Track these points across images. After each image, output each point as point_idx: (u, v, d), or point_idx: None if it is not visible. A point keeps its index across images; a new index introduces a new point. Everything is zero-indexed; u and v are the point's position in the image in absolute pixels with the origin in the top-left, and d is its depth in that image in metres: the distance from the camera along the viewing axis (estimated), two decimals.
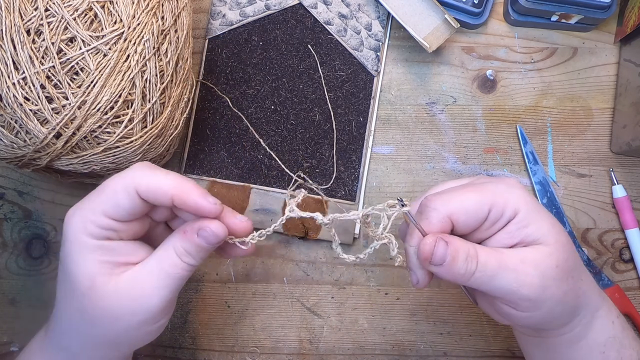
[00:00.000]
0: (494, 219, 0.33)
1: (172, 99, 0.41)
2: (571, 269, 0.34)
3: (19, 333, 0.51)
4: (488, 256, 0.33)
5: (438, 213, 0.33)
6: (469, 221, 0.33)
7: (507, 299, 0.33)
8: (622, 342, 0.37)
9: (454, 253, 0.32)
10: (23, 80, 0.37)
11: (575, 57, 0.55)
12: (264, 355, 0.51)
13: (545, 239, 0.33)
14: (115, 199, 0.32)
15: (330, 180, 0.52)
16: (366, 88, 0.53)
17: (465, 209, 0.33)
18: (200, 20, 0.54)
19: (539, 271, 0.32)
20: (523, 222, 0.33)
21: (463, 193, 0.34)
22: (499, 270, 0.32)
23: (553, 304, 0.33)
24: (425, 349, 0.52)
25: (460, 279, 0.32)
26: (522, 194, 0.34)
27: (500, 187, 0.34)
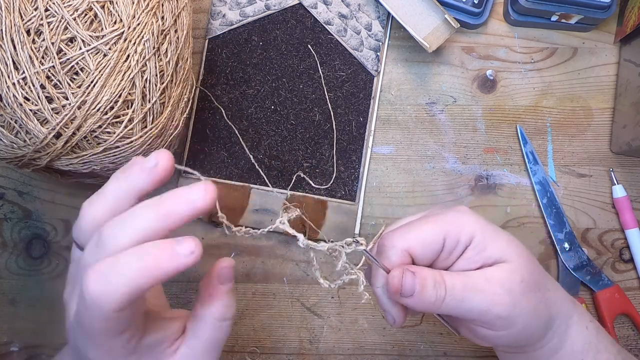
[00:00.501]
0: (451, 247, 0.34)
1: (172, 99, 0.41)
2: (536, 281, 0.35)
3: (19, 333, 0.51)
4: (454, 280, 0.33)
5: (395, 249, 0.34)
6: (427, 252, 0.34)
7: (480, 320, 0.34)
8: (598, 347, 0.37)
9: (422, 281, 0.33)
10: (23, 80, 0.37)
11: (575, 57, 0.55)
12: (264, 355, 0.51)
13: (506, 257, 0.34)
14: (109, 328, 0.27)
15: (330, 180, 0.52)
16: (366, 88, 0.53)
17: (420, 242, 0.34)
18: (200, 20, 0.54)
19: (505, 288, 0.33)
20: (480, 246, 0.34)
21: (417, 226, 0.34)
22: (467, 291, 0.33)
23: (527, 319, 0.34)
24: (425, 349, 0.52)
25: (432, 306, 0.33)
26: (474, 219, 0.35)
27: (452, 215, 0.35)
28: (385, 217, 0.53)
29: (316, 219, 0.51)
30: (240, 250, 0.52)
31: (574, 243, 0.52)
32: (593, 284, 0.52)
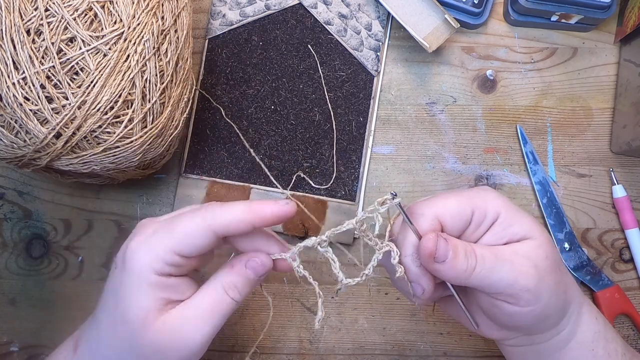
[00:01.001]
0: (478, 221, 0.35)
1: (172, 99, 0.41)
2: (558, 261, 0.35)
3: (19, 333, 0.51)
4: (484, 250, 0.33)
5: (425, 217, 0.34)
6: (455, 222, 0.34)
7: (508, 292, 0.33)
8: (606, 337, 0.38)
9: (455, 249, 0.33)
10: (23, 80, 0.37)
11: (575, 57, 0.55)
12: (264, 355, 0.51)
13: (531, 234, 0.34)
14: (190, 238, 0.33)
15: (330, 180, 0.52)
16: (366, 88, 0.53)
17: (449, 212, 0.34)
18: (200, 20, 0.54)
19: (532, 262, 0.33)
20: (507, 222, 0.34)
21: (445, 198, 0.35)
22: (497, 262, 0.33)
23: (550, 296, 0.34)
24: (425, 349, 0.52)
25: (463, 274, 0.33)
26: (499, 197, 0.35)
27: (479, 192, 0.36)
28: (385, 217, 0.53)
29: (316, 219, 0.51)
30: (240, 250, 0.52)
31: (574, 243, 0.52)
32: (593, 284, 0.52)
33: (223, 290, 0.34)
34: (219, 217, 0.33)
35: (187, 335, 0.33)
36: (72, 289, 0.51)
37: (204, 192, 0.51)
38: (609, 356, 0.37)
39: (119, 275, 0.34)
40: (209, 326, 0.34)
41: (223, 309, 0.34)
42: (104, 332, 0.35)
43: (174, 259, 0.33)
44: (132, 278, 0.33)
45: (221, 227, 0.33)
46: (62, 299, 0.51)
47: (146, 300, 0.33)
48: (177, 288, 0.34)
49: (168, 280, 0.33)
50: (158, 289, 0.33)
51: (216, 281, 0.35)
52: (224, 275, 0.35)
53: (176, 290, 0.34)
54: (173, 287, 0.34)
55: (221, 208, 0.33)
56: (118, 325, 0.34)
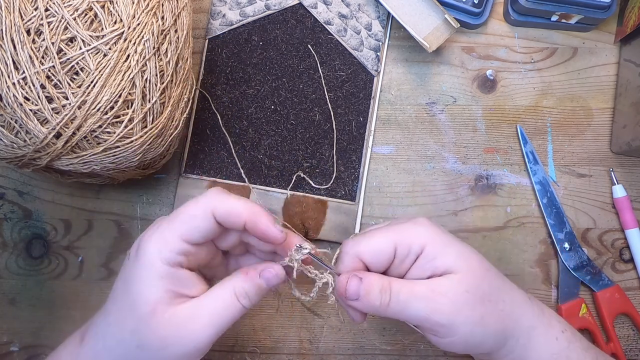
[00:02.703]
0: (402, 255, 0.36)
1: (172, 99, 0.41)
2: (486, 293, 0.36)
3: (19, 333, 0.51)
4: (401, 287, 0.35)
5: (348, 255, 0.37)
6: (378, 259, 0.36)
7: (423, 326, 0.36)
8: (570, 356, 0.38)
9: (368, 287, 0.35)
10: (23, 80, 0.37)
11: (575, 57, 0.55)
12: (264, 355, 0.51)
13: (454, 268, 0.36)
14: (193, 221, 0.34)
15: (330, 180, 0.52)
16: (366, 88, 0.53)
17: (371, 249, 0.36)
18: (200, 20, 0.54)
19: (447, 298, 0.35)
20: (430, 255, 0.36)
21: (370, 236, 0.37)
22: (411, 298, 0.35)
23: (470, 328, 0.35)
24: (425, 349, 0.52)
25: (378, 310, 0.35)
26: (428, 230, 0.37)
27: (407, 226, 0.37)
28: (385, 217, 0.53)
29: (316, 219, 0.51)
30: None
31: (574, 243, 0.52)
32: (593, 284, 0.52)
33: (234, 295, 0.35)
34: (220, 203, 0.34)
35: (193, 332, 0.33)
36: (72, 289, 0.51)
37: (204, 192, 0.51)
38: None
39: (131, 266, 0.35)
40: (215, 327, 0.34)
41: (231, 314, 0.34)
42: (112, 322, 0.35)
43: (182, 247, 0.34)
44: (143, 268, 0.34)
45: (221, 213, 0.34)
46: (62, 299, 0.51)
47: (156, 291, 0.33)
48: (186, 282, 0.34)
49: (177, 272, 0.34)
50: (168, 280, 0.34)
51: (229, 285, 0.35)
52: (237, 281, 0.35)
53: (185, 284, 0.34)
54: (182, 280, 0.34)
55: (225, 196, 0.35)
56: (126, 315, 0.34)
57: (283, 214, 0.51)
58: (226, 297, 0.35)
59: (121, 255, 0.52)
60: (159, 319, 0.33)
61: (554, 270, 0.53)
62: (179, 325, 0.33)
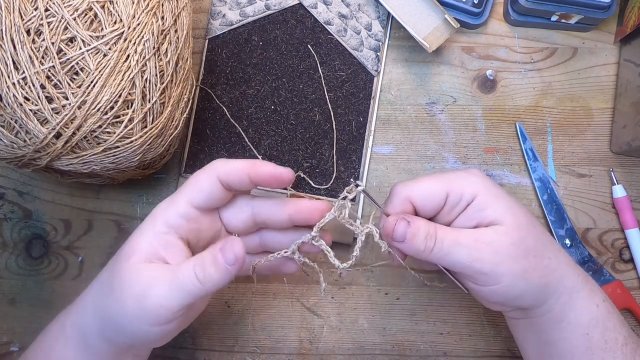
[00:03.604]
0: (453, 203, 0.37)
1: (172, 99, 0.41)
2: (530, 247, 0.36)
3: (19, 333, 0.51)
4: (446, 234, 0.36)
5: (398, 197, 0.37)
6: (428, 204, 0.37)
7: (464, 273, 0.36)
8: (607, 325, 0.38)
9: (415, 231, 0.36)
10: (23, 80, 0.37)
11: (575, 57, 0.55)
12: (264, 355, 0.51)
13: (501, 220, 0.36)
14: (198, 184, 0.36)
15: (330, 180, 0.52)
16: (366, 88, 0.53)
17: (423, 193, 0.37)
18: (200, 20, 0.54)
19: (491, 248, 0.35)
20: (480, 206, 0.36)
21: (423, 180, 0.37)
22: (454, 246, 0.35)
23: (513, 279, 0.35)
24: (425, 349, 0.52)
25: (421, 254, 0.36)
26: (481, 181, 0.37)
27: (460, 174, 0.37)
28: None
29: None
30: None
31: (575, 239, 0.52)
32: (595, 279, 0.51)
33: (192, 268, 0.34)
34: (222, 166, 0.36)
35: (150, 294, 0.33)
36: (72, 289, 0.51)
37: None
38: (606, 343, 0.38)
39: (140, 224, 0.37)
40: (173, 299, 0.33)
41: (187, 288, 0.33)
42: (102, 272, 0.37)
43: (185, 209, 0.36)
44: (146, 223, 0.36)
45: (224, 174, 0.35)
46: (62, 299, 0.51)
47: (141, 242, 0.35)
48: (170, 248, 0.35)
49: (167, 237, 0.35)
50: (157, 238, 0.35)
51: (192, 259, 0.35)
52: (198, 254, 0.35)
53: (168, 249, 0.35)
54: (168, 244, 0.35)
55: (225, 161, 0.36)
56: (113, 260, 0.36)
57: None
58: (186, 268, 0.34)
59: None
60: (129, 265, 0.34)
61: None
62: (141, 284, 0.33)
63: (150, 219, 0.36)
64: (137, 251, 0.35)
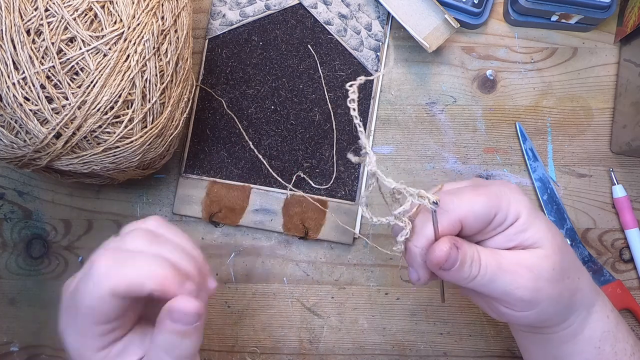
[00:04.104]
0: (498, 222, 0.34)
1: (172, 99, 0.41)
2: (567, 269, 0.35)
3: (19, 333, 0.51)
4: (488, 259, 0.33)
5: (449, 216, 0.33)
6: (477, 224, 0.34)
7: (503, 299, 0.34)
8: (616, 336, 0.38)
9: (463, 257, 0.33)
10: (23, 80, 0.37)
11: (575, 57, 0.55)
12: (264, 355, 0.51)
13: (541, 243, 0.34)
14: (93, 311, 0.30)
15: (330, 180, 0.52)
16: (366, 88, 0.53)
17: (475, 213, 0.33)
18: (200, 20, 0.54)
19: (533, 274, 0.33)
20: (522, 227, 0.34)
21: (474, 196, 0.34)
22: (498, 272, 0.33)
23: (548, 304, 0.34)
24: (425, 349, 0.52)
25: (463, 282, 0.33)
26: (523, 199, 0.35)
27: (505, 191, 0.35)
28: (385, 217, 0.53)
29: (316, 219, 0.51)
30: (241, 250, 0.52)
31: (575, 239, 0.52)
32: (595, 280, 0.52)
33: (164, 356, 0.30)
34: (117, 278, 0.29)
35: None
36: None
37: (204, 192, 0.51)
38: (615, 355, 0.38)
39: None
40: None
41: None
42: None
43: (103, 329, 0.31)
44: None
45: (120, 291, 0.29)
46: None
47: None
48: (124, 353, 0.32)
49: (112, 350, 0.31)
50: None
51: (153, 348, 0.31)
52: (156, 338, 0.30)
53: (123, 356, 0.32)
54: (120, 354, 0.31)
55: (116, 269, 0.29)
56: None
57: (283, 214, 0.51)
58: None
59: None
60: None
61: None
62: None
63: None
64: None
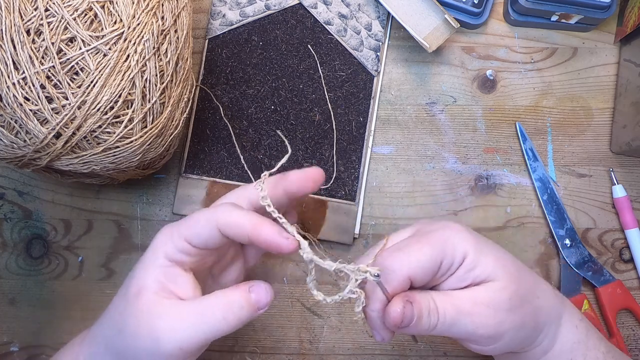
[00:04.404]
0: (446, 267, 0.35)
1: (172, 99, 0.41)
2: (524, 295, 0.36)
3: (19, 333, 0.51)
4: (445, 305, 0.34)
5: (397, 275, 0.34)
6: (425, 276, 0.35)
7: (468, 340, 0.35)
8: (587, 345, 0.38)
9: (419, 312, 0.34)
10: (23, 80, 0.37)
11: (575, 57, 0.55)
12: (264, 355, 0.51)
13: (494, 275, 0.35)
14: (195, 227, 0.34)
15: (330, 180, 0.52)
16: (366, 88, 0.53)
17: (422, 267, 0.34)
18: (200, 20, 0.54)
19: (491, 309, 0.34)
20: (471, 265, 0.35)
21: (418, 250, 0.34)
22: (457, 316, 0.34)
23: (514, 332, 0.35)
24: (425, 349, 0.52)
25: (426, 332, 0.34)
26: (468, 237, 0.35)
27: (448, 234, 0.35)
28: (385, 217, 0.53)
29: (316, 219, 0.51)
30: None
31: (575, 239, 0.52)
32: (595, 279, 0.52)
33: (218, 306, 0.33)
34: (224, 215, 0.34)
35: (163, 329, 0.32)
36: (72, 289, 0.51)
37: (204, 192, 0.51)
38: None
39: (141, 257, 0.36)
40: (187, 333, 0.32)
41: (209, 325, 0.33)
42: (110, 307, 0.36)
43: (183, 246, 0.34)
44: (148, 254, 0.35)
45: (223, 224, 0.33)
46: (62, 299, 0.51)
47: (147, 277, 0.34)
48: (177, 280, 0.34)
49: (173, 270, 0.34)
50: (162, 272, 0.34)
51: (216, 295, 0.34)
52: (225, 293, 0.34)
53: (176, 282, 0.34)
54: (176, 278, 0.34)
55: (231, 209, 0.34)
56: (121, 297, 0.35)
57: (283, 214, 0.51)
58: (209, 305, 0.33)
59: (121, 255, 0.52)
60: (141, 304, 0.33)
61: (554, 270, 0.53)
62: (154, 316, 0.33)
63: (151, 252, 0.35)
64: (145, 287, 0.34)
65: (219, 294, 0.34)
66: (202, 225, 0.34)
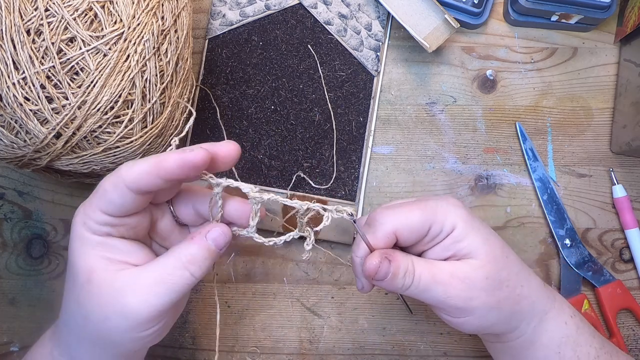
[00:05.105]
0: (434, 234, 0.36)
1: (172, 99, 0.41)
2: (504, 279, 0.37)
3: (19, 333, 0.51)
4: (423, 270, 0.36)
5: (384, 228, 0.36)
6: (412, 236, 0.36)
7: (439, 307, 0.37)
8: (578, 341, 0.39)
9: (395, 270, 0.35)
10: (23, 80, 0.37)
11: (575, 57, 0.55)
12: (264, 355, 0.51)
13: (476, 254, 0.36)
14: (106, 195, 0.32)
15: (330, 180, 0.52)
16: (366, 88, 0.53)
17: (409, 225, 0.36)
18: (200, 20, 0.54)
19: (465, 284, 0.35)
20: (458, 237, 0.36)
21: (408, 210, 0.36)
22: (431, 283, 0.35)
23: (485, 311, 0.36)
24: (425, 349, 0.52)
25: (398, 290, 0.36)
26: (461, 212, 0.37)
27: (442, 204, 0.37)
28: None
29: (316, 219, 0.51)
30: (241, 250, 0.52)
31: (575, 239, 0.52)
32: (595, 279, 0.52)
33: (181, 263, 0.33)
34: (128, 173, 0.32)
35: (133, 302, 0.32)
36: None
37: None
38: (578, 359, 0.39)
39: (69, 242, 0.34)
40: (157, 298, 0.32)
41: (178, 283, 0.33)
42: (64, 299, 0.35)
43: (102, 218, 0.33)
44: (75, 240, 0.33)
45: (132, 181, 0.32)
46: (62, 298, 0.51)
47: (89, 259, 0.33)
48: (122, 249, 0.33)
49: (109, 240, 0.33)
50: (100, 248, 0.33)
51: (174, 253, 0.33)
52: (183, 248, 0.34)
53: (122, 251, 0.33)
54: (117, 247, 0.33)
55: (131, 164, 0.32)
56: (71, 287, 0.34)
57: (283, 214, 0.51)
58: (172, 264, 0.33)
59: None
60: (96, 286, 0.32)
61: (554, 270, 0.53)
62: (117, 292, 0.32)
63: (76, 237, 0.33)
64: (92, 270, 0.33)
65: (178, 250, 0.34)
66: (111, 192, 0.32)
